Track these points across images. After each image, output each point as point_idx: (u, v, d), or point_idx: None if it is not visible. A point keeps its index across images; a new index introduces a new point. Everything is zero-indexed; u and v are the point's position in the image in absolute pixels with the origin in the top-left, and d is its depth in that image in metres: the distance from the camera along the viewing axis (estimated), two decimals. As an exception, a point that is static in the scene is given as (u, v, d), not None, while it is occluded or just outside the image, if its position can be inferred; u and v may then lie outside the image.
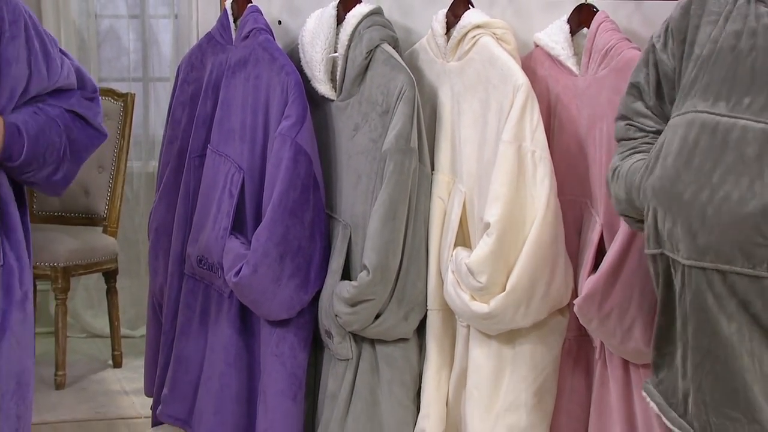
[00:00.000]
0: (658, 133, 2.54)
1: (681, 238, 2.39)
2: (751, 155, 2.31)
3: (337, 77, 3.19)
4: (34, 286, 5.13)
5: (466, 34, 3.05)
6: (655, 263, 2.49)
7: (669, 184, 2.39)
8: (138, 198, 6.39)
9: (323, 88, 3.21)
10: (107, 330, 6.00)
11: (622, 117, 2.64)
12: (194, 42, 3.53)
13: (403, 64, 3.08)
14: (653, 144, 2.54)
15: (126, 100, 5.85)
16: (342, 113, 3.19)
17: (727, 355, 2.36)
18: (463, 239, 3.08)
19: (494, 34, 3.03)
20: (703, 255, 2.36)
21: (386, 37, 3.13)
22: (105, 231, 5.88)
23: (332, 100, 3.21)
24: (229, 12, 3.34)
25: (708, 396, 2.41)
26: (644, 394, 2.59)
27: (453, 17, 3.10)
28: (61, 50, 2.96)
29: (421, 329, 3.16)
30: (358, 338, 3.15)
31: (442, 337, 3.14)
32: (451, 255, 3.04)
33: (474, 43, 3.04)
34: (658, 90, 2.56)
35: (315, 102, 3.21)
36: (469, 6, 3.09)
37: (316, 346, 3.25)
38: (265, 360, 3.21)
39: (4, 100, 2.81)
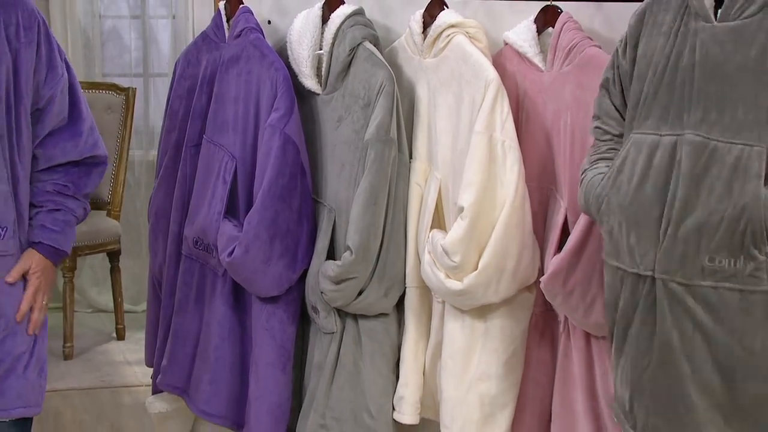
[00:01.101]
0: (621, 136, 2.55)
1: (644, 253, 2.41)
2: (694, 171, 2.35)
3: (323, 73, 3.18)
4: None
5: (441, 32, 3.04)
6: (612, 273, 2.52)
7: (634, 204, 2.44)
8: (139, 184, 6.38)
9: (309, 82, 3.19)
10: (111, 305, 6.00)
11: (595, 116, 2.66)
12: (190, 40, 3.51)
13: (384, 61, 3.08)
14: (617, 149, 2.55)
15: (128, 94, 5.85)
16: (327, 106, 3.18)
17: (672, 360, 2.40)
18: (439, 222, 3.07)
19: (467, 33, 3.02)
20: (662, 267, 2.38)
21: (368, 36, 3.13)
22: (109, 214, 5.88)
23: (318, 94, 3.20)
24: (223, 12, 3.33)
25: (649, 399, 2.43)
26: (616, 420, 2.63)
27: (429, 17, 3.08)
28: (65, 61, 2.96)
29: (400, 305, 3.16)
30: (342, 313, 3.15)
31: (420, 312, 3.14)
32: (428, 237, 3.04)
33: (448, 42, 3.03)
34: (622, 91, 2.56)
35: (302, 96, 3.20)
36: (444, 7, 3.08)
37: (303, 320, 3.24)
38: (256, 333, 3.20)
39: (22, 101, 2.79)
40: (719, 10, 2.42)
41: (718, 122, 2.37)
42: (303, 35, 3.17)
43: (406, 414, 3.14)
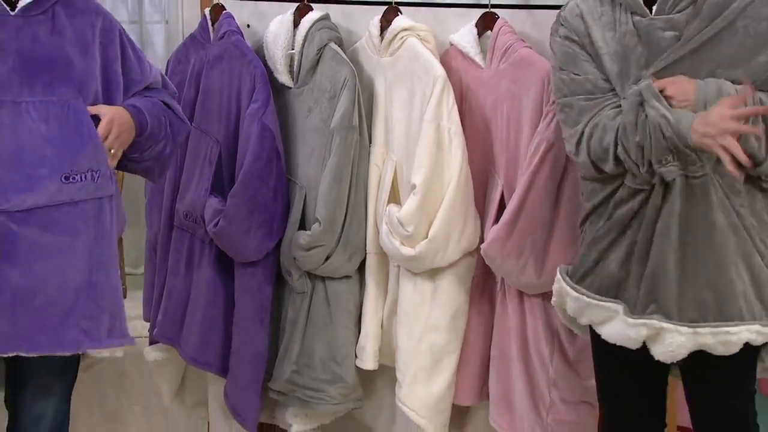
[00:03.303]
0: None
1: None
2: None
3: (294, 69, 3.15)
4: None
5: (396, 35, 3.02)
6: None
7: None
8: (138, 165, 6.33)
9: (283, 78, 3.16)
10: None
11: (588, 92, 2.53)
12: (181, 42, 3.48)
13: (347, 60, 3.06)
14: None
15: None
16: (298, 98, 3.15)
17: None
18: (395, 197, 3.06)
19: (418, 35, 3.00)
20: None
21: (333, 38, 3.10)
22: None
23: (290, 88, 3.17)
24: (208, 17, 3.30)
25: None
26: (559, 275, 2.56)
27: (386, 22, 3.06)
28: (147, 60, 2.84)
29: (361, 268, 3.15)
30: (311, 276, 3.13)
31: (378, 274, 3.13)
32: (385, 210, 3.02)
33: (402, 43, 3.00)
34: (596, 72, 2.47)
35: (277, 89, 3.17)
36: (398, 13, 3.06)
37: (278, 282, 3.22)
38: (238, 293, 3.19)
39: (112, 93, 2.67)
40: (654, 6, 2.39)
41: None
42: (277, 37, 3.14)
43: (367, 361, 3.13)
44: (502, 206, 2.92)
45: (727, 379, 2.43)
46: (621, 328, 2.42)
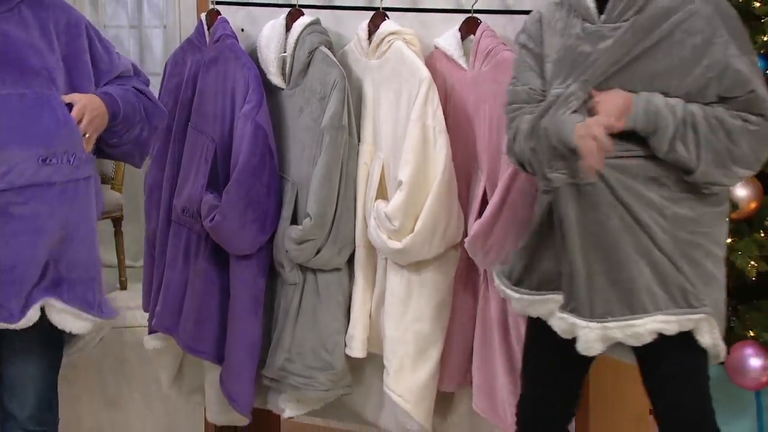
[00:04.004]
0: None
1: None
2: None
3: (286, 71, 3.13)
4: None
5: (383, 39, 3.00)
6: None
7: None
8: (137, 163, 6.31)
9: (276, 79, 3.15)
10: (115, 261, 5.97)
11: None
12: (178, 45, 3.47)
13: (337, 62, 3.05)
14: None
15: None
16: (290, 99, 3.14)
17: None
18: (382, 193, 3.04)
19: (405, 39, 2.99)
20: None
21: (323, 41, 3.09)
22: (113, 187, 5.90)
23: (283, 89, 3.15)
24: (204, 22, 3.28)
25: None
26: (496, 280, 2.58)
27: (373, 26, 3.04)
28: (117, 52, 2.87)
29: (350, 261, 3.13)
30: (303, 268, 3.11)
31: (367, 267, 3.11)
32: (373, 206, 3.01)
33: (389, 46, 2.99)
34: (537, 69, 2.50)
35: (270, 90, 3.15)
36: (386, 18, 3.04)
37: (271, 274, 3.20)
38: (233, 285, 3.17)
39: (83, 83, 2.70)
40: (602, 15, 2.38)
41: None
42: (270, 41, 3.13)
43: (356, 349, 3.11)
44: (484, 202, 2.91)
45: (676, 367, 2.43)
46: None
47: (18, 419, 2.69)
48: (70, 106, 2.61)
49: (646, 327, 2.34)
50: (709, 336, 2.38)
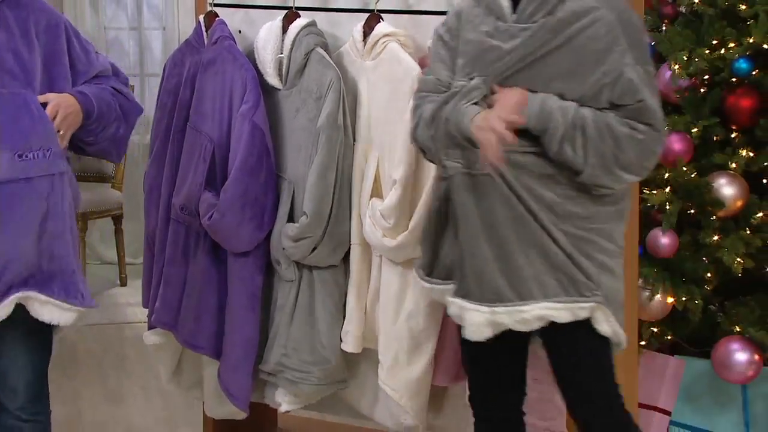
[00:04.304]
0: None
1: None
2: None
3: (283, 72, 3.12)
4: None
5: (378, 40, 2.99)
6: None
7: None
8: (137, 162, 6.33)
9: (273, 80, 3.14)
10: (116, 258, 5.99)
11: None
12: (177, 47, 3.46)
13: (332, 63, 3.04)
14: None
15: None
16: (287, 99, 3.13)
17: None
18: (377, 192, 3.03)
19: (399, 40, 2.98)
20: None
21: (319, 43, 3.08)
22: (113, 186, 5.91)
23: (279, 90, 3.14)
24: (202, 24, 3.26)
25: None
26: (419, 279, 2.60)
27: (368, 28, 3.03)
28: (96, 51, 2.87)
29: (346, 258, 3.11)
30: (299, 265, 3.10)
31: (362, 264, 3.09)
32: (369, 204, 3.00)
33: (384, 47, 2.98)
34: (449, 63, 2.53)
35: (267, 91, 3.14)
36: (380, 20, 3.03)
37: (268, 271, 3.19)
38: (231, 282, 3.16)
39: (60, 83, 2.72)
40: (514, 15, 2.41)
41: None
42: (267, 42, 3.12)
43: (350, 344, 3.10)
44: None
45: (578, 355, 2.46)
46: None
47: (10, 410, 2.70)
48: (45, 104, 2.65)
49: (532, 313, 2.38)
50: (607, 324, 2.41)
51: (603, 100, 2.32)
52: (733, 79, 3.44)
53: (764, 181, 3.44)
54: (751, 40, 3.36)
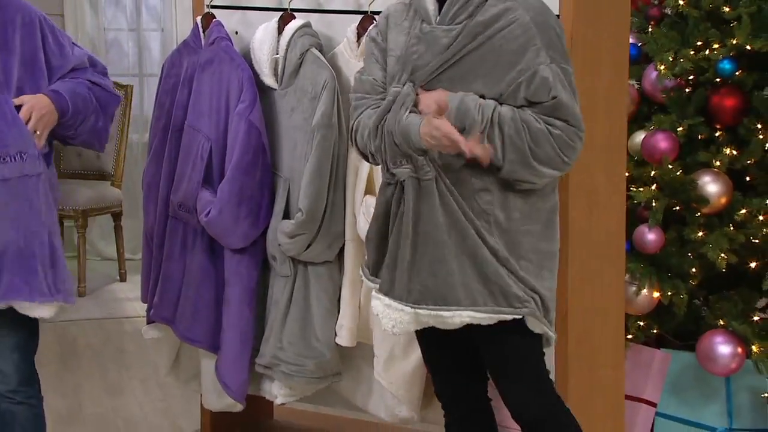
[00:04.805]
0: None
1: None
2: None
3: (279, 72, 3.11)
4: (62, 223, 5.11)
5: (371, 41, 2.98)
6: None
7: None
8: (136, 160, 6.31)
9: (269, 80, 3.12)
10: (115, 254, 5.97)
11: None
12: (175, 47, 3.44)
13: (327, 64, 3.02)
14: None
15: (127, 90, 5.82)
16: (282, 99, 3.11)
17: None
18: (371, 189, 3.01)
19: (392, 41, 2.96)
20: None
21: (314, 44, 3.07)
22: (112, 184, 5.88)
23: (275, 89, 3.13)
24: (200, 25, 3.25)
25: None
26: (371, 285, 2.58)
27: (362, 29, 3.01)
28: (74, 43, 2.84)
29: (340, 254, 3.10)
30: (295, 261, 3.09)
31: (356, 260, 3.07)
32: (362, 201, 2.98)
33: (377, 48, 2.96)
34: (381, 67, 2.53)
35: (263, 90, 3.13)
36: (373, 21, 3.00)
37: (264, 267, 3.18)
38: (227, 277, 3.15)
39: (37, 80, 2.70)
40: (438, 18, 2.42)
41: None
42: (263, 43, 3.10)
43: (344, 338, 3.09)
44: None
45: (508, 353, 2.45)
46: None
47: (2, 393, 2.69)
48: (19, 107, 2.64)
49: (454, 320, 2.39)
50: (538, 327, 2.41)
51: (520, 97, 2.33)
52: (718, 80, 3.43)
53: (747, 178, 3.42)
54: (734, 42, 3.35)
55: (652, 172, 3.41)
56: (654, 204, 3.37)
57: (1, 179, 2.58)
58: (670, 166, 3.37)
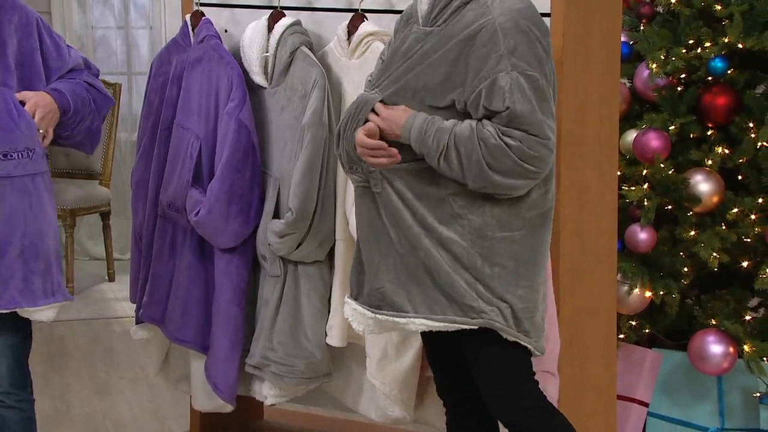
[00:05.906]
0: None
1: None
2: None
3: (269, 71, 3.10)
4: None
5: (362, 39, 2.97)
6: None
7: None
8: (125, 159, 6.31)
9: (258, 78, 3.11)
10: (104, 254, 5.96)
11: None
12: (163, 45, 3.43)
13: (317, 62, 3.02)
14: None
15: (115, 88, 5.81)
16: (272, 97, 3.11)
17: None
18: (361, 188, 3.01)
19: (382, 39, 2.95)
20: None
21: (304, 42, 3.06)
22: (101, 183, 5.87)
23: (265, 88, 3.12)
24: (189, 23, 3.24)
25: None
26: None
27: (352, 27, 3.01)
28: (68, 45, 2.83)
29: (330, 254, 3.10)
30: (285, 260, 3.08)
31: (346, 259, 3.06)
32: (353, 200, 2.96)
33: (368, 47, 2.97)
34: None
35: (252, 89, 3.12)
36: (364, 19, 3.01)
37: (254, 266, 3.17)
38: (217, 277, 3.14)
39: (33, 82, 2.69)
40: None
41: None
42: (253, 41, 3.09)
43: (335, 338, 3.08)
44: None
45: (482, 359, 2.44)
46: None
47: None
48: (22, 103, 2.62)
49: (408, 326, 2.42)
50: (506, 334, 2.37)
51: (480, 106, 2.30)
52: (709, 78, 3.44)
53: (739, 177, 3.43)
54: (726, 40, 3.36)
55: (644, 171, 3.42)
56: (646, 203, 3.38)
57: (7, 176, 2.56)
58: (661, 165, 3.38)
